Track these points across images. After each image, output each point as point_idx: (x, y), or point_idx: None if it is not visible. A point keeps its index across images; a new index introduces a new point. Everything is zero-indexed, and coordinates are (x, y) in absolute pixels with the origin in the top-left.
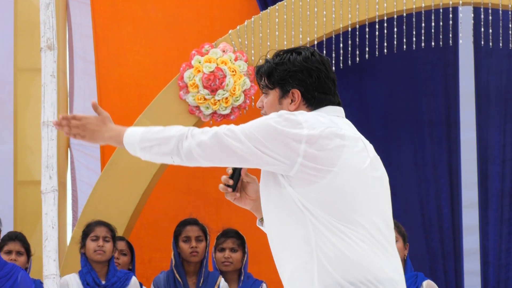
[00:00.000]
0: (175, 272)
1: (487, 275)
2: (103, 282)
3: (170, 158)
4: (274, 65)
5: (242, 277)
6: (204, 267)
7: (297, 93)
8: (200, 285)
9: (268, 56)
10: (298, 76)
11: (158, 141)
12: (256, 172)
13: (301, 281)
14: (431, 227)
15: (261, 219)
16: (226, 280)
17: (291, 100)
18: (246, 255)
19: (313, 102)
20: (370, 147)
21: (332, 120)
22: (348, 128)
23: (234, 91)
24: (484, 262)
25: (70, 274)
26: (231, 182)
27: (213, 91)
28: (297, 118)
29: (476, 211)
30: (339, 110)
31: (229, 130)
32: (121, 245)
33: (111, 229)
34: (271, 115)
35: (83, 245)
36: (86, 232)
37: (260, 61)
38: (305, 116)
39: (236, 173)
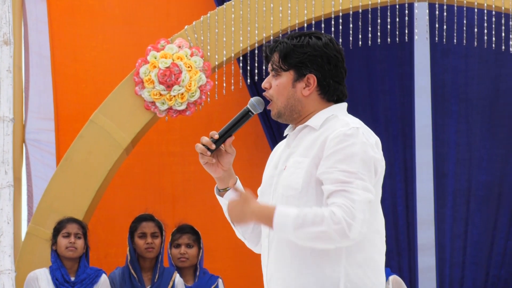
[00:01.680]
0: (130, 268)
1: (443, 272)
2: (73, 279)
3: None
4: (292, 46)
5: (197, 273)
6: (160, 262)
7: (313, 79)
8: (156, 280)
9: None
10: (317, 61)
11: (317, 235)
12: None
13: None
14: (387, 224)
15: (222, 189)
16: (182, 276)
17: (305, 85)
18: (201, 251)
19: (327, 90)
20: None
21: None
22: None
23: (189, 86)
24: (439, 259)
25: (41, 268)
26: (213, 146)
27: (169, 86)
28: (370, 140)
29: (431, 207)
30: (346, 107)
31: (364, 195)
32: None
33: (82, 226)
34: (359, 145)
35: (54, 242)
36: (58, 229)
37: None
38: (361, 127)
39: (221, 141)
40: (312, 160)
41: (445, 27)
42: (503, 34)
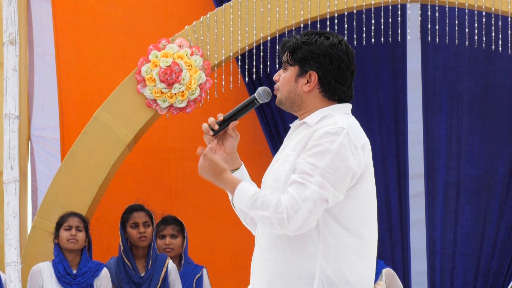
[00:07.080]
0: (124, 257)
1: (433, 264)
2: (74, 272)
3: (270, 226)
4: (300, 43)
5: (183, 261)
6: (152, 250)
7: (314, 76)
8: (149, 267)
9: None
10: (319, 60)
11: (262, 218)
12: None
13: None
14: (380, 217)
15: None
16: None
17: (307, 81)
18: (186, 240)
19: (327, 89)
20: None
21: (359, 126)
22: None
23: (190, 85)
24: (430, 251)
25: (44, 262)
26: (216, 127)
27: (170, 85)
28: (355, 141)
29: (422, 201)
30: (349, 108)
31: (318, 192)
32: None
33: (83, 219)
34: (337, 144)
35: (56, 235)
36: (60, 223)
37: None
38: (349, 128)
39: (225, 123)
40: (298, 154)
41: (437, 26)
42: (493, 34)
